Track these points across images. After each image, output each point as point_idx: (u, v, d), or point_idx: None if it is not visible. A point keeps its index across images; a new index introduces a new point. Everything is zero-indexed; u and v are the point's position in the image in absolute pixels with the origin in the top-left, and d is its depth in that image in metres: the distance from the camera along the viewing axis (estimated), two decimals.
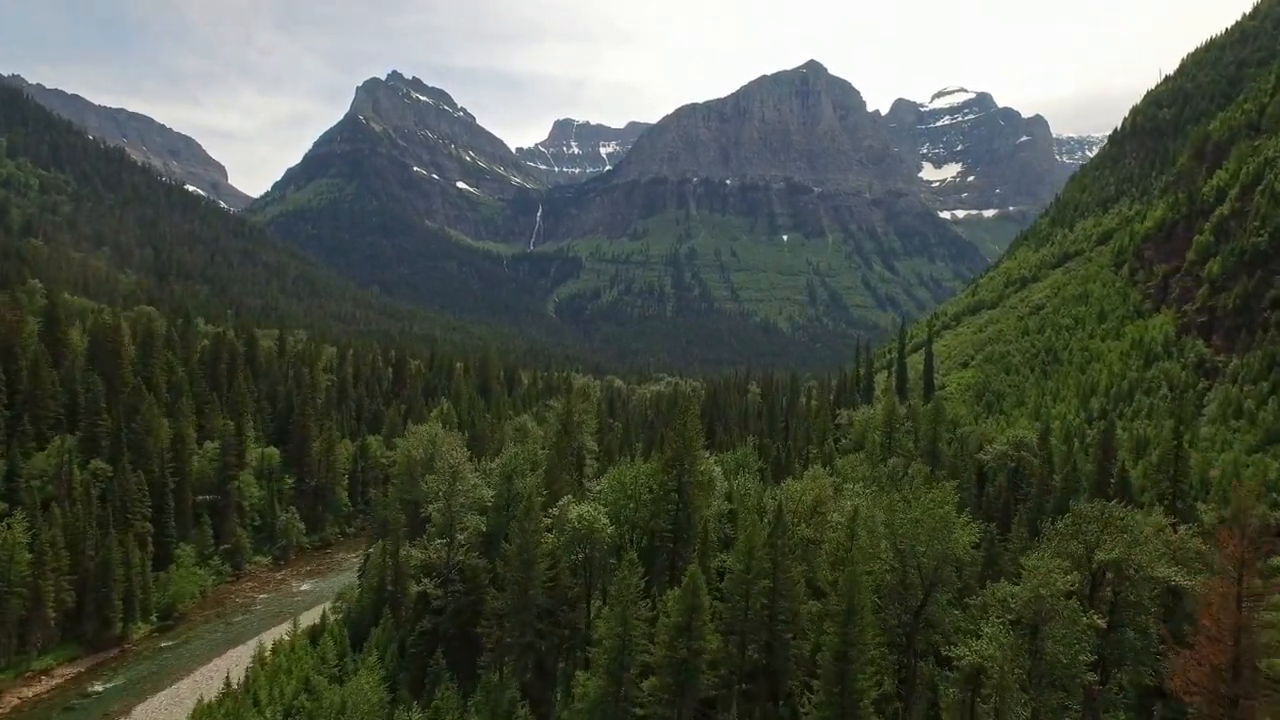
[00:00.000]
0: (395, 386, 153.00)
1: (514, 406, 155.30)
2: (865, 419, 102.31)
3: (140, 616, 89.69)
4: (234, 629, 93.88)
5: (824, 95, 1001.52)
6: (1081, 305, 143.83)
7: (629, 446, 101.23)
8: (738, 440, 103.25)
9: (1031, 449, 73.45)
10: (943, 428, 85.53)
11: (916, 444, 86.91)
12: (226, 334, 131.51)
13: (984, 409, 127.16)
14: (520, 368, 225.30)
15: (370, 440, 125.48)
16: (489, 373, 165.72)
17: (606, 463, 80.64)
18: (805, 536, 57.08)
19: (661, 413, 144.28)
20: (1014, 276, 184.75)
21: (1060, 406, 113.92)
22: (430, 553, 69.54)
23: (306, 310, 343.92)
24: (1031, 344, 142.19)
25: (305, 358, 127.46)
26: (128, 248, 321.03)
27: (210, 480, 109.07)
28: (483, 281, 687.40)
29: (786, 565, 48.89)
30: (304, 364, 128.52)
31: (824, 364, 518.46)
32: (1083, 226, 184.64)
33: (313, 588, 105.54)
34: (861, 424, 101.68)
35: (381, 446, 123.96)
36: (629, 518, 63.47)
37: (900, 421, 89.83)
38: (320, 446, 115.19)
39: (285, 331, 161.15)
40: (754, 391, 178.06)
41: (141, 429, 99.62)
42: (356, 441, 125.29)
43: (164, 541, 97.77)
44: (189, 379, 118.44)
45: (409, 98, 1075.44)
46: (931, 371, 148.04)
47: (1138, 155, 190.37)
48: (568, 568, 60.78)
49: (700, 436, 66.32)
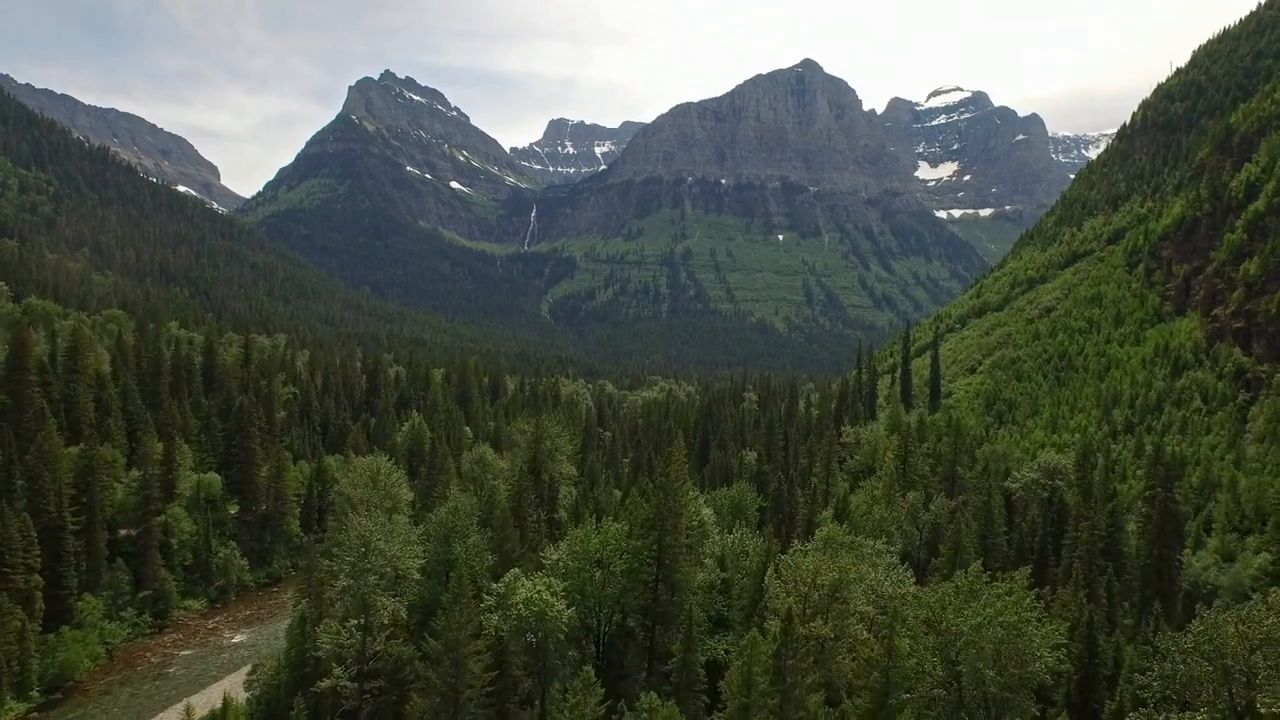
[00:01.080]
0: (369, 397, 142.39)
1: (495, 418, 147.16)
2: (874, 438, 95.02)
3: (16, 693, 72.72)
4: (136, 702, 77.12)
5: (820, 94, 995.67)
6: (1095, 308, 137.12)
7: (614, 466, 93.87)
8: (733, 457, 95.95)
9: (1066, 475, 66.15)
10: (963, 451, 77.83)
11: (935, 469, 79.78)
12: (189, 341, 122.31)
13: (995, 419, 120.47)
14: (506, 374, 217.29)
15: (330, 461, 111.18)
16: (468, 382, 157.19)
17: (588, 487, 73.04)
18: (820, 635, 45.27)
19: (652, 423, 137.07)
20: (1020, 277, 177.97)
21: (1079, 418, 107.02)
22: (342, 636, 54.63)
23: (293, 313, 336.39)
24: (1043, 349, 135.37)
25: (265, 368, 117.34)
26: (109, 249, 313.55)
27: (132, 515, 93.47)
28: (476, 282, 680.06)
29: (799, 698, 38.50)
30: (263, 375, 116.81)
31: (821, 365, 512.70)
32: (1092, 225, 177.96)
33: (247, 639, 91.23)
34: (870, 443, 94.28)
35: (343, 467, 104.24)
36: (595, 593, 51.70)
37: (914, 443, 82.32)
38: (269, 470, 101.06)
39: (253, 336, 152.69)
40: (750, 399, 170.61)
41: (36, 459, 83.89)
42: (313, 463, 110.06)
43: (59, 595, 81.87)
44: (122, 396, 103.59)
45: (402, 97, 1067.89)
46: (938, 378, 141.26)
47: (1148, 151, 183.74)
48: (517, 658, 50.16)
49: (687, 483, 56.01)
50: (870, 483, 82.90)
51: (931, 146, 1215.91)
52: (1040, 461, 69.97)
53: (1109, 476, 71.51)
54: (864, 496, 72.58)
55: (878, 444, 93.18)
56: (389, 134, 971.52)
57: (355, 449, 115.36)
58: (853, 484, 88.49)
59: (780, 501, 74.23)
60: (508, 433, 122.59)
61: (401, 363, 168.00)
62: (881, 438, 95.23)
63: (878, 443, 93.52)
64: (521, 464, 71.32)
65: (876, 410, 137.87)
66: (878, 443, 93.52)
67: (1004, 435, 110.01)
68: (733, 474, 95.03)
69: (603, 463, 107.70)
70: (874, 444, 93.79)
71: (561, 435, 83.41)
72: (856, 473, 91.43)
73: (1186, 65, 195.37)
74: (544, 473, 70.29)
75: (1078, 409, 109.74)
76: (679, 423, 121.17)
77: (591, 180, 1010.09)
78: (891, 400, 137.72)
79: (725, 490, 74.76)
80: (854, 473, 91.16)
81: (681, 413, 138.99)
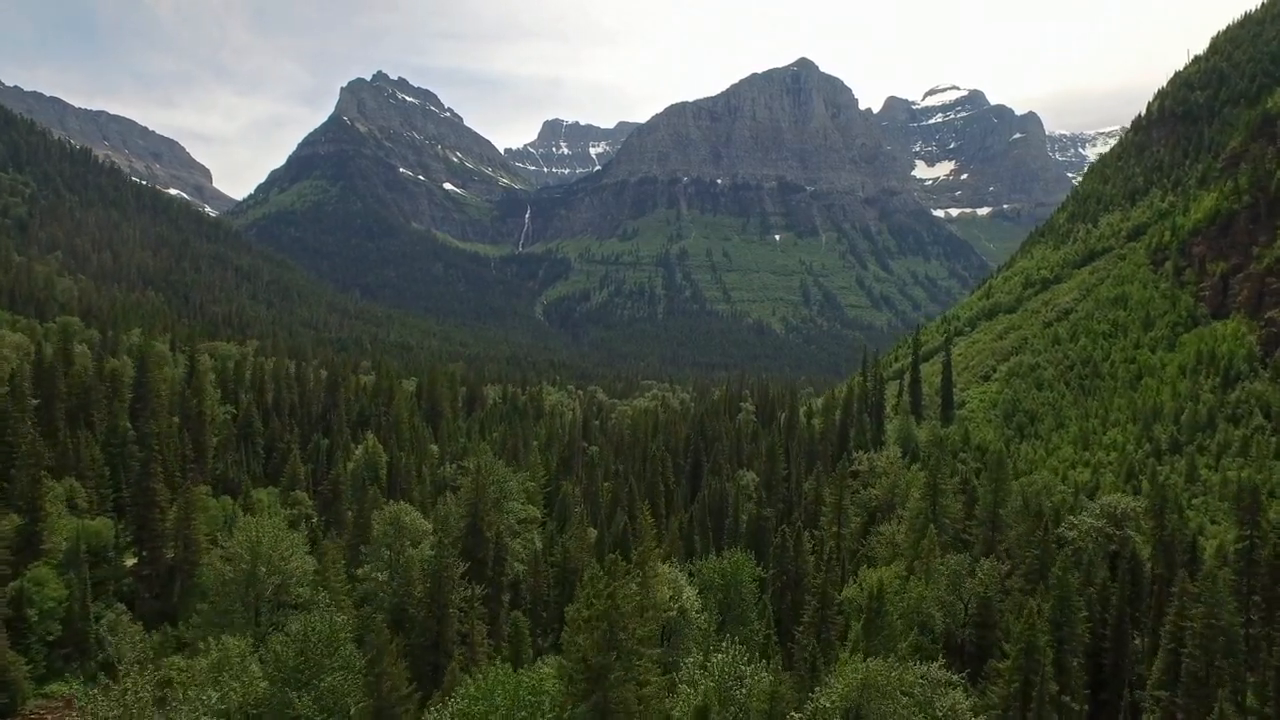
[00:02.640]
0: (327, 413, 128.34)
1: (468, 433, 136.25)
2: (890, 466, 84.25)
3: None
4: None
5: (815, 93, 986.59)
6: (1120, 309, 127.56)
7: (594, 496, 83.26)
8: (728, 481, 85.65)
9: (1135, 520, 55.44)
10: (1005, 488, 66.43)
11: (970, 510, 69.36)
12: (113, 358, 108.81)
13: (1015, 431, 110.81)
14: (490, 381, 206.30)
15: (261, 495, 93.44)
16: (438, 394, 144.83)
17: (556, 530, 62.24)
18: None
19: (639, 440, 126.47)
20: (1033, 277, 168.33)
21: (1114, 433, 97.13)
22: None
23: (275, 317, 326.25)
24: (1064, 354, 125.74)
25: (196, 385, 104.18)
26: (83, 252, 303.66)
27: None
28: (469, 284, 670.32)
29: None
30: (194, 393, 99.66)
31: (819, 366, 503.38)
32: (1108, 221, 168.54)
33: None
34: (887, 472, 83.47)
35: (276, 503, 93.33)
36: None
37: (944, 478, 71.23)
38: (179, 510, 79.21)
39: (217, 344, 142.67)
40: (747, 409, 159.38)
41: None
42: (239, 499, 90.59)
43: None
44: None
45: (394, 98, 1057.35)
46: (950, 386, 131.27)
47: (1167, 142, 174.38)
48: None
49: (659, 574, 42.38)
50: (892, 527, 72.46)
51: (928, 145, 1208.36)
52: (1103, 504, 59.10)
53: (1182, 522, 60.11)
54: (891, 570, 58.00)
55: (896, 476, 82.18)
56: (381, 135, 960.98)
57: (291, 483, 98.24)
58: (868, 522, 78.42)
59: (784, 563, 63.63)
60: (470, 451, 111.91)
61: (383, 371, 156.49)
62: (899, 465, 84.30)
63: (896, 475, 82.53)
64: (459, 523, 59.58)
65: (884, 421, 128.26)
66: (896, 475, 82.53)
67: (1026, 451, 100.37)
68: (728, 504, 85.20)
69: (580, 493, 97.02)
70: (891, 474, 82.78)
71: (510, 479, 73.14)
72: (873, 509, 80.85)
73: (1206, 52, 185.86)
74: (488, 529, 59.24)
75: (1110, 422, 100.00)
76: (667, 445, 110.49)
77: (586, 181, 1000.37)
78: (900, 411, 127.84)
79: (715, 560, 62.19)
80: (869, 508, 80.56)
81: (673, 425, 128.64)
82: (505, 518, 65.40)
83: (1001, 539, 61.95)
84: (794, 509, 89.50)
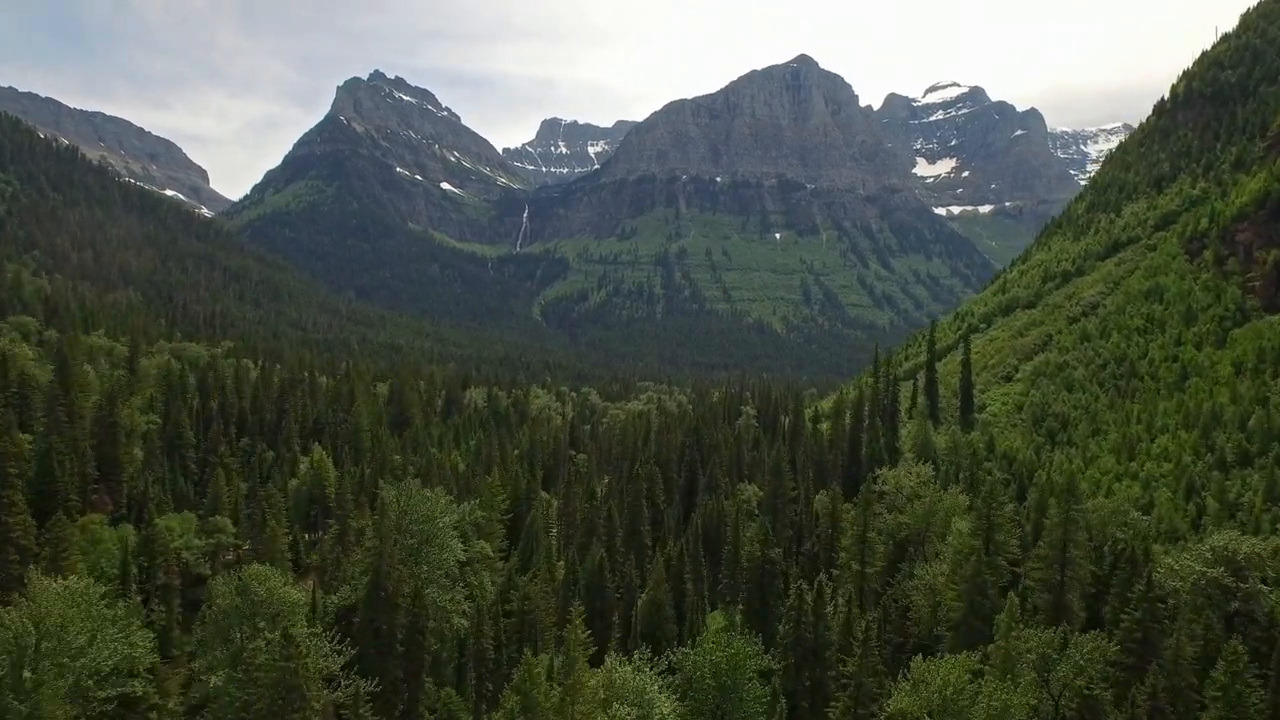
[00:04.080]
0: (280, 419, 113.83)
1: (440, 442, 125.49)
2: (918, 484, 72.70)
3: None
4: None
5: (815, 90, 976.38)
6: (1155, 303, 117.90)
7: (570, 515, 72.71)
8: (726, 498, 75.13)
9: (1260, 564, 44.17)
10: (1077, 519, 53.53)
11: (1036, 536, 58.57)
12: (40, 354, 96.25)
13: (1045, 438, 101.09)
14: (475, 384, 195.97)
15: (170, 523, 76.42)
16: (406, 398, 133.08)
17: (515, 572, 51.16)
18: None
19: (627, 450, 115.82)
20: (1053, 270, 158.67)
21: (1163, 441, 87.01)
22: None
23: (262, 317, 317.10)
24: (1095, 352, 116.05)
25: (116, 388, 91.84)
26: (63, 251, 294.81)
27: None
28: (466, 285, 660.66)
29: None
30: (107, 400, 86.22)
31: (821, 365, 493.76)
32: (1133, 210, 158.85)
33: None
34: (920, 493, 71.51)
35: (190, 533, 78.04)
36: None
37: (998, 505, 59.46)
38: (52, 542, 63.80)
39: (181, 345, 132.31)
40: (748, 413, 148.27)
41: None
42: (143, 528, 73.65)
43: None
44: None
45: (391, 97, 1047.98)
46: (970, 388, 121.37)
47: (1196, 125, 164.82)
48: None
49: None
50: (931, 569, 60.45)
51: (929, 143, 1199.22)
52: (1213, 547, 47.57)
53: None
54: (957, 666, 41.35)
55: (933, 502, 69.55)
56: (378, 135, 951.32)
57: (214, 506, 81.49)
58: (895, 555, 67.48)
59: (801, 628, 50.91)
60: (438, 461, 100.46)
61: (350, 373, 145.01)
62: (933, 486, 72.39)
63: (933, 500, 69.77)
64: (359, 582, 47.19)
65: (898, 426, 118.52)
66: (933, 500, 69.77)
67: (1060, 460, 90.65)
68: (726, 527, 74.28)
69: (557, 512, 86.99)
70: (926, 498, 70.37)
71: (445, 513, 59.30)
72: (901, 540, 69.70)
73: (1236, 29, 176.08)
74: (399, 592, 47.56)
75: (1156, 428, 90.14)
76: (659, 457, 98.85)
77: (584, 180, 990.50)
78: (916, 415, 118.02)
79: (705, 649, 44.92)
80: (897, 539, 69.35)
81: (668, 431, 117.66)
82: (432, 569, 53.23)
83: (1072, 577, 51.15)
84: (804, 535, 79.23)
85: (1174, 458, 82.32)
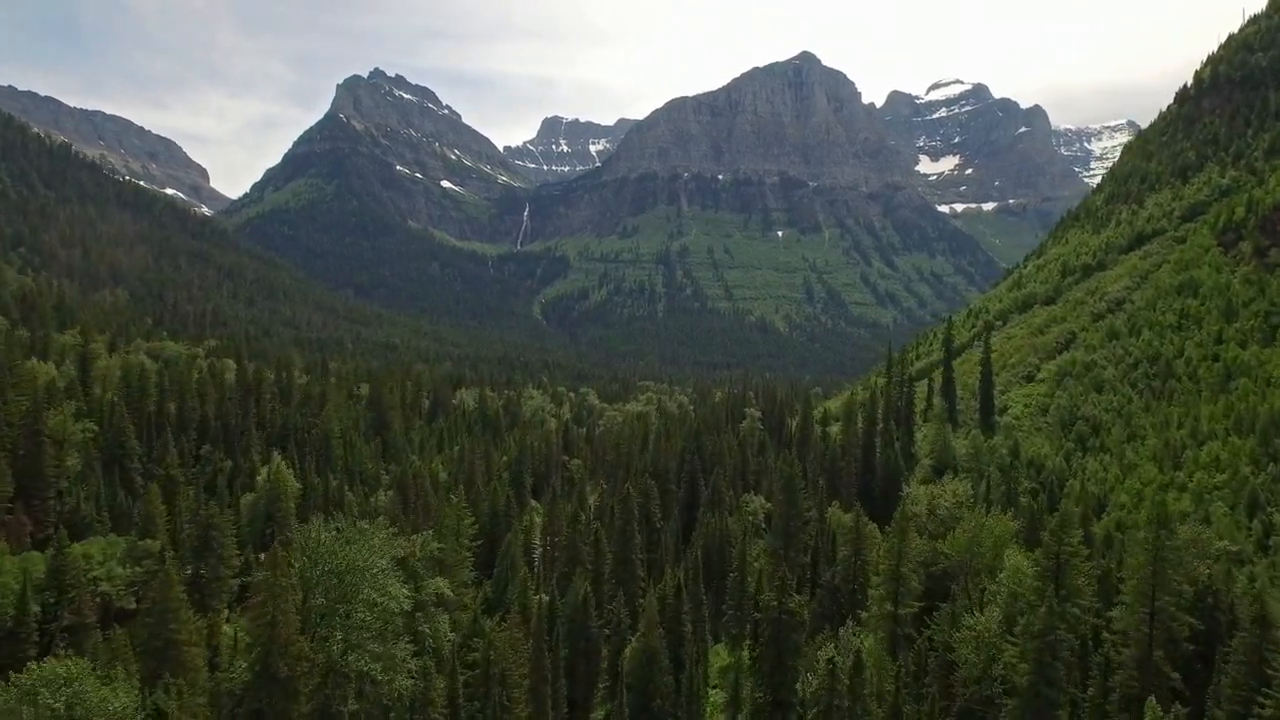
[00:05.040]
0: (242, 423, 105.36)
1: (420, 448, 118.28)
2: (960, 508, 64.25)
3: None
4: None
5: (817, 87, 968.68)
6: (1189, 298, 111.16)
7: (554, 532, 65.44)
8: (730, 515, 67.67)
9: None
10: (1167, 565, 44.48)
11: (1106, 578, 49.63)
12: None
13: (1075, 443, 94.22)
14: (466, 385, 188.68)
15: (91, 549, 66.88)
16: (384, 401, 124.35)
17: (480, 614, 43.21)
18: None
19: (621, 458, 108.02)
20: (1072, 264, 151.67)
21: (1213, 448, 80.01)
22: None
23: (255, 316, 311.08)
24: (1124, 351, 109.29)
25: (50, 392, 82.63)
26: (50, 248, 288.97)
27: None
28: (466, 283, 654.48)
29: None
30: (33, 405, 76.38)
31: (824, 365, 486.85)
32: (1157, 200, 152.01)
33: None
34: (957, 515, 63.00)
35: (114, 560, 67.03)
36: None
37: (1071, 540, 48.58)
38: None
39: (157, 344, 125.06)
40: (753, 415, 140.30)
41: None
42: (48, 552, 62.78)
43: None
44: None
45: (391, 95, 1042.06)
46: (990, 388, 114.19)
47: (1223, 112, 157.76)
48: None
49: None
50: (984, 619, 49.20)
51: (932, 140, 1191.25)
52: None
53: None
54: None
55: (976, 530, 58.73)
56: (378, 133, 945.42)
57: (145, 527, 70.69)
58: (928, 590, 60.39)
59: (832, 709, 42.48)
60: (415, 470, 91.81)
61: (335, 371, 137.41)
62: (974, 508, 63.45)
63: (976, 528, 59.06)
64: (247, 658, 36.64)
65: (914, 430, 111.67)
66: (976, 528, 59.06)
67: (1094, 468, 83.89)
68: (731, 549, 66.67)
69: (541, 529, 79.08)
70: (970, 526, 60.47)
71: (388, 546, 50.48)
72: (939, 574, 61.90)
73: (1266, 10, 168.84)
74: (301, 678, 38.73)
75: (1202, 434, 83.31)
76: (655, 467, 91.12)
77: (585, 178, 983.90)
78: (932, 418, 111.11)
79: None
80: (931, 570, 61.18)
81: (668, 434, 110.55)
82: (358, 633, 43.75)
83: (1160, 639, 41.98)
84: (820, 560, 69.89)
85: (1227, 467, 75.46)
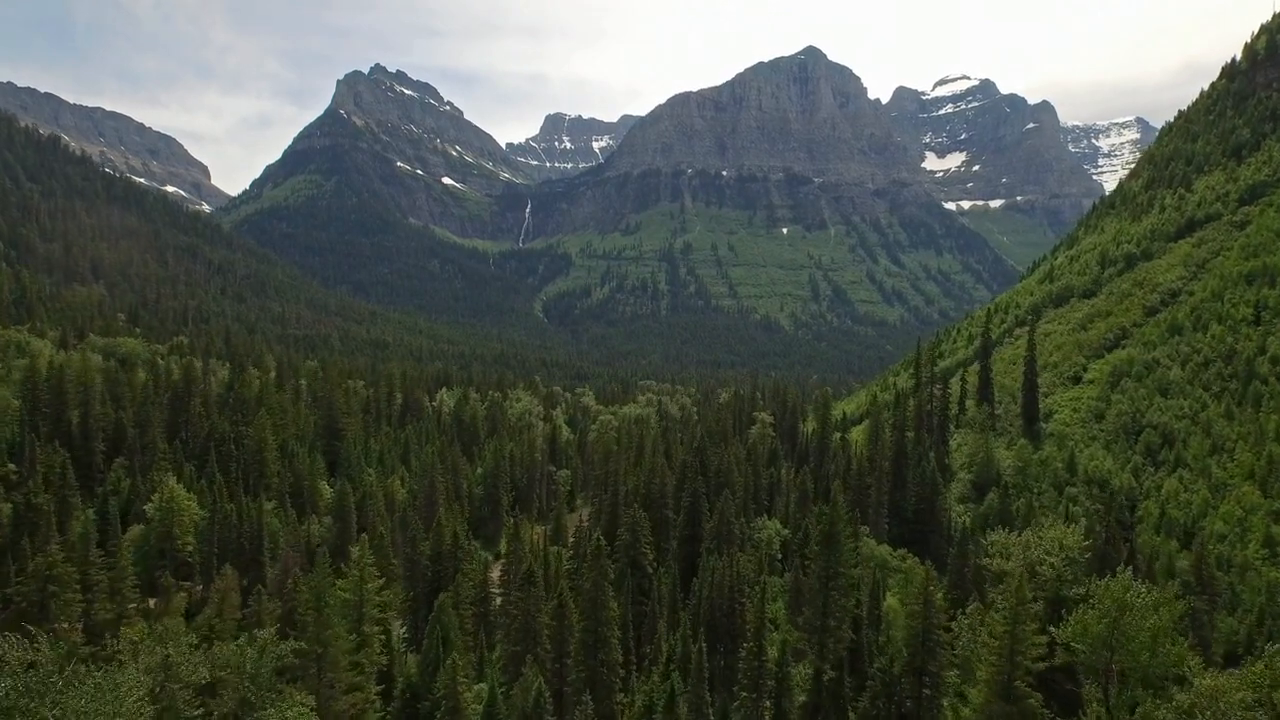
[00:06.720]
0: (176, 435, 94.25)
1: (380, 462, 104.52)
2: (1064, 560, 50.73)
3: None
4: None
5: (823, 82, 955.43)
6: (1264, 287, 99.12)
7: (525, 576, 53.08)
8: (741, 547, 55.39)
9: None
10: None
11: None
12: None
13: (1145, 457, 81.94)
14: (449, 385, 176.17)
15: None
16: (334, 406, 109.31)
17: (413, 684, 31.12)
18: None
19: (610, 473, 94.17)
20: (1112, 254, 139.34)
21: None
22: None
23: (243, 313, 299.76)
24: (1190, 348, 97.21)
25: None
26: (29, 242, 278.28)
27: None
28: (466, 281, 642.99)
29: None
30: None
31: (831, 363, 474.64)
32: (1208, 183, 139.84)
33: None
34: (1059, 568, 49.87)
35: None
36: None
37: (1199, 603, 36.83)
38: None
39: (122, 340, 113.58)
40: (764, 420, 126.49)
41: None
42: None
43: None
44: None
45: (392, 91, 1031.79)
46: (1034, 392, 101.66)
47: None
48: None
49: None
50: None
51: (939, 136, 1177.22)
52: None
53: None
54: None
55: (1118, 607, 43.92)
56: (379, 129, 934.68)
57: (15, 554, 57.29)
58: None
59: None
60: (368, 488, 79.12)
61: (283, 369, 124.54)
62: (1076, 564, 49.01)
63: (1111, 599, 44.57)
64: None
65: (948, 438, 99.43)
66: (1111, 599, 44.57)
67: (1172, 486, 71.64)
68: (739, 602, 52.85)
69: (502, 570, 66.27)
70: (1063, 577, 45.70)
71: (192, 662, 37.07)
72: (1047, 672, 46.66)
73: None
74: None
75: None
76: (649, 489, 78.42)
77: (588, 174, 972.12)
78: (968, 425, 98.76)
79: None
80: (1038, 669, 46.40)
81: (667, 449, 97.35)
82: None
83: None
84: (863, 631, 52.82)
85: None
